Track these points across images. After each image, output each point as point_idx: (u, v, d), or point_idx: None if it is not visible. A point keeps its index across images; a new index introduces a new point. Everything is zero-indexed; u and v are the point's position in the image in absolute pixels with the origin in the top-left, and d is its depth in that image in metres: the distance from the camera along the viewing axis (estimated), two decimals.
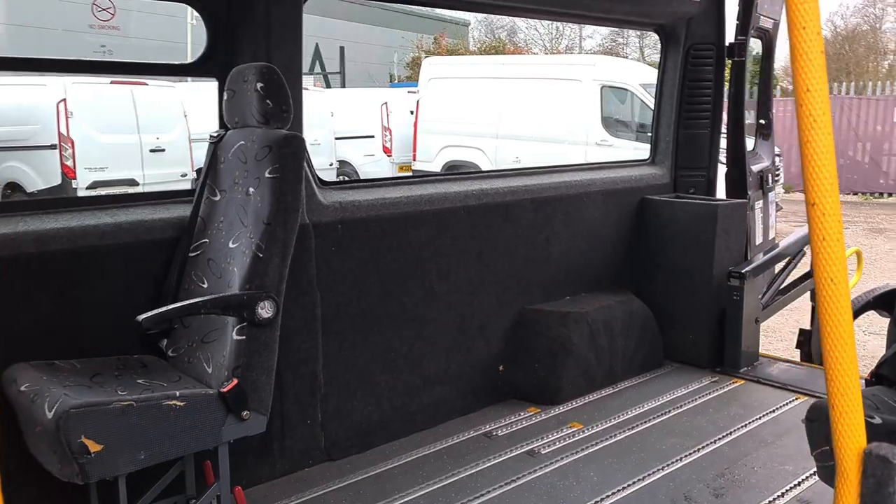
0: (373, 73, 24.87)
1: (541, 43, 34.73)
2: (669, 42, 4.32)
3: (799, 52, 0.93)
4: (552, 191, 3.83)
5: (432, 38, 28.03)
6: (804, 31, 0.90)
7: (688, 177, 4.44)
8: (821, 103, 0.95)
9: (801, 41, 0.91)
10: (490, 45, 29.39)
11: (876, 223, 13.46)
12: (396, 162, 14.57)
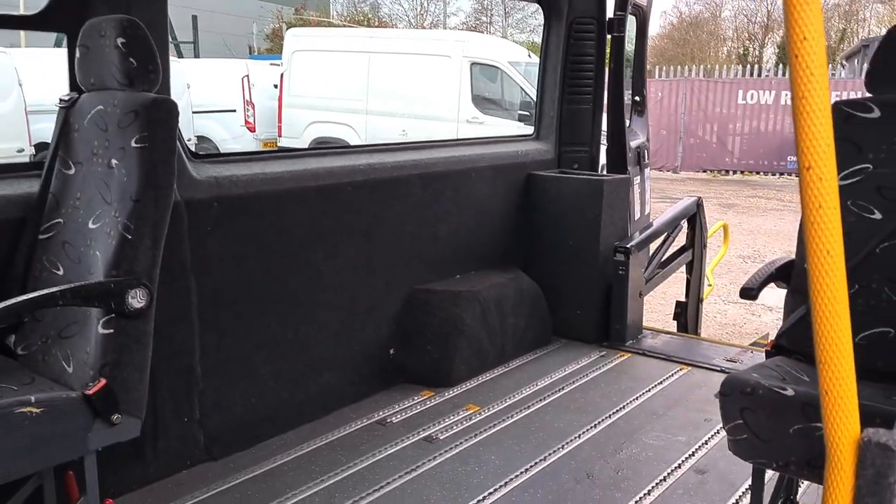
0: (230, 43, 23.72)
1: (405, 19, 34.47)
2: (552, 15, 4.27)
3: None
4: (441, 166, 3.68)
5: (293, 10, 27.09)
6: None
7: (572, 153, 4.43)
8: (818, 55, 0.84)
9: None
10: (353, 18, 28.81)
11: (725, 199, 14.37)
12: (261, 138, 13.95)
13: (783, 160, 17.69)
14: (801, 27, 0.82)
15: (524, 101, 11.95)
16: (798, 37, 0.83)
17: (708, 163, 18.29)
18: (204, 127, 13.62)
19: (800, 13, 0.82)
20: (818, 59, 0.84)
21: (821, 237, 0.87)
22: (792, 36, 0.83)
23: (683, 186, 16.00)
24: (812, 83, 0.84)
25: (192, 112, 12.94)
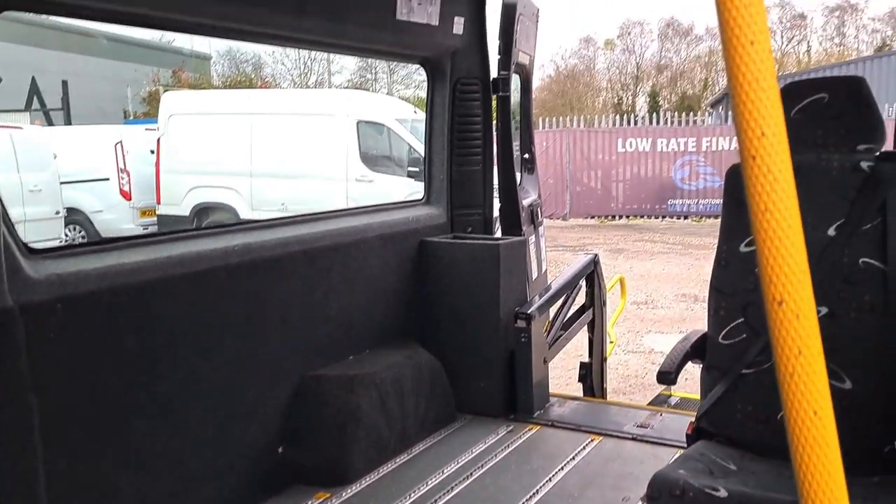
0: (104, 108, 22.69)
1: (289, 78, 34.21)
2: (436, 76, 4.14)
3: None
4: (327, 239, 3.41)
5: (170, 73, 26.29)
6: None
7: (465, 216, 4.26)
8: (781, 153, 0.64)
9: None
10: (235, 79, 28.29)
11: (614, 244, 14.72)
12: (138, 207, 13.21)
13: (664, 203, 18.41)
14: (757, 121, 0.63)
15: (413, 158, 11.87)
16: (755, 133, 0.63)
17: (595, 209, 18.81)
18: (74, 198, 12.77)
19: (756, 105, 0.62)
20: (781, 158, 0.64)
21: (805, 393, 0.66)
22: (746, 132, 0.63)
23: (573, 233, 16.33)
24: (777, 191, 0.64)
25: (61, 183, 12.13)
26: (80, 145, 13.14)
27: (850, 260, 1.95)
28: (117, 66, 25.40)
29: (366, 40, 3.54)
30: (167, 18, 2.52)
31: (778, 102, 0.62)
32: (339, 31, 3.25)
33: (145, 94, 25.14)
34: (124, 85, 24.79)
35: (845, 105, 2.02)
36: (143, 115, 23.46)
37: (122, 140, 13.15)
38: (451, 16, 3.85)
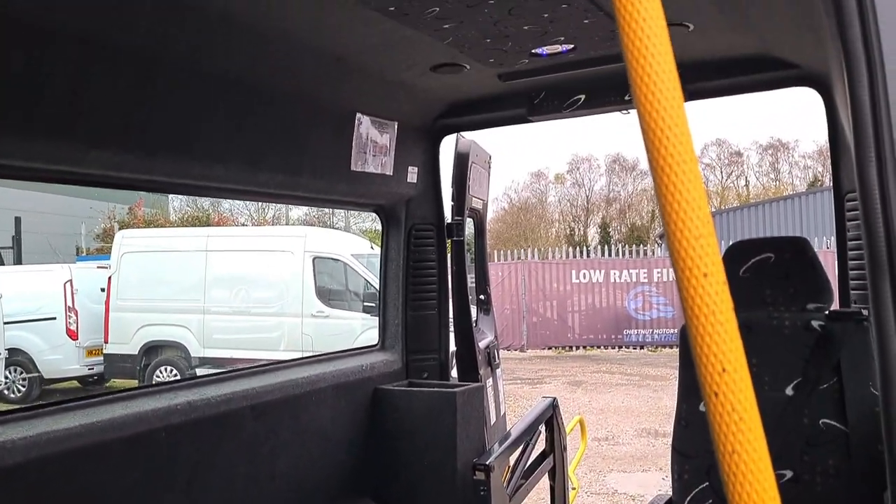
0: (56, 245, 22.42)
1: (247, 213, 34.55)
2: (390, 223, 4.17)
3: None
4: (277, 392, 3.28)
5: (126, 208, 26.31)
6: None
7: (420, 361, 4.17)
8: (744, 390, 0.61)
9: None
10: (193, 215, 28.41)
11: (573, 375, 14.63)
12: (84, 346, 12.79)
13: (620, 333, 18.57)
14: (717, 356, 0.59)
15: (369, 293, 11.86)
16: (715, 368, 0.59)
17: (552, 339, 18.85)
18: (18, 338, 12.35)
19: (714, 339, 0.59)
20: (745, 395, 0.61)
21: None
22: (706, 367, 0.59)
23: (531, 365, 16.23)
24: (743, 431, 0.60)
25: (5, 323, 11.75)
26: (27, 284, 12.86)
27: (811, 421, 1.92)
28: (73, 202, 25.38)
29: (321, 191, 3.57)
30: (121, 178, 2.50)
31: (737, 334, 0.59)
32: (294, 184, 3.28)
33: (100, 230, 25.00)
34: (79, 221, 24.67)
35: (791, 265, 2.06)
36: (96, 251, 23.22)
37: (72, 278, 12.92)
38: (405, 165, 3.93)
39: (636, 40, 0.60)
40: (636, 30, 0.60)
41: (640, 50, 0.60)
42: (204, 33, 2.37)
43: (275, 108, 2.92)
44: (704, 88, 3.25)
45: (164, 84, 2.39)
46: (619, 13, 0.61)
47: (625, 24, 0.60)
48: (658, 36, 0.59)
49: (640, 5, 0.60)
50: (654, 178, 0.62)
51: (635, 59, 0.60)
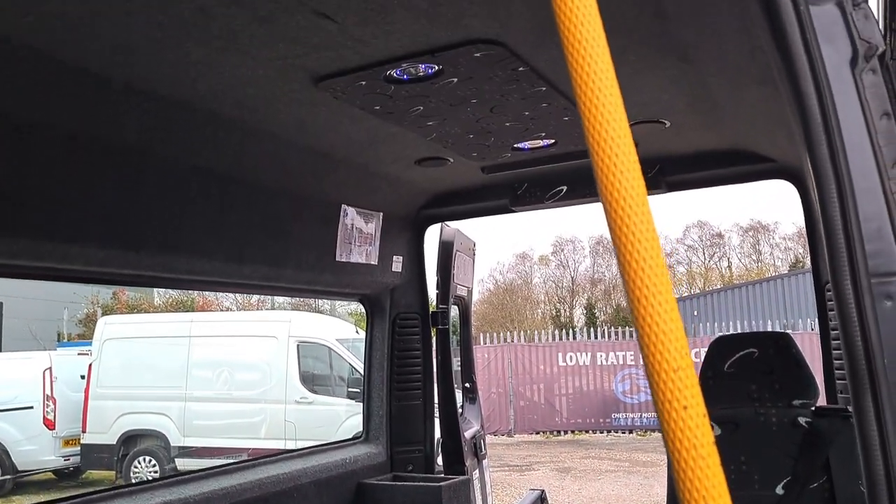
0: (37, 331, 22.09)
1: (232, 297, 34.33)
2: (375, 312, 4.16)
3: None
4: (255, 490, 3.18)
5: (111, 293, 26.12)
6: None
7: (405, 453, 4.09)
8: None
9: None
10: (177, 299, 28.21)
11: (561, 462, 14.34)
12: (62, 436, 12.45)
13: (608, 417, 18.32)
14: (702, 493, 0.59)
15: (353, 378, 11.70)
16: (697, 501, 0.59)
17: (539, 424, 18.56)
18: None
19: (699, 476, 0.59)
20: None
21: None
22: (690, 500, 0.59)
23: (519, 451, 15.91)
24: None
25: None
26: (5, 372, 12.60)
27: None
28: (56, 286, 25.14)
29: (306, 282, 3.57)
30: (105, 273, 2.49)
31: (719, 469, 0.58)
32: (278, 275, 3.28)
33: (82, 315, 24.73)
34: (62, 307, 24.41)
35: (775, 361, 2.07)
36: (77, 336, 22.89)
37: (52, 366, 12.69)
38: (389, 255, 3.95)
39: (600, 141, 0.61)
40: (599, 130, 0.62)
41: (604, 150, 0.61)
42: (191, 131, 2.41)
43: (260, 202, 2.95)
44: (683, 181, 3.33)
45: (150, 179, 2.41)
46: (582, 113, 0.63)
47: (588, 124, 0.62)
48: (621, 136, 0.61)
49: (604, 108, 0.62)
50: (629, 303, 0.62)
51: (599, 157, 0.61)
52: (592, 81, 0.65)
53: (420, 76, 2.19)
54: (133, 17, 1.67)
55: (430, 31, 1.88)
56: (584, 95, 0.64)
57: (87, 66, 1.91)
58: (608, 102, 0.64)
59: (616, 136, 0.62)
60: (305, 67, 2.04)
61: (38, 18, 1.64)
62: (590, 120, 0.63)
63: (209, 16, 1.69)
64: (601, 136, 0.62)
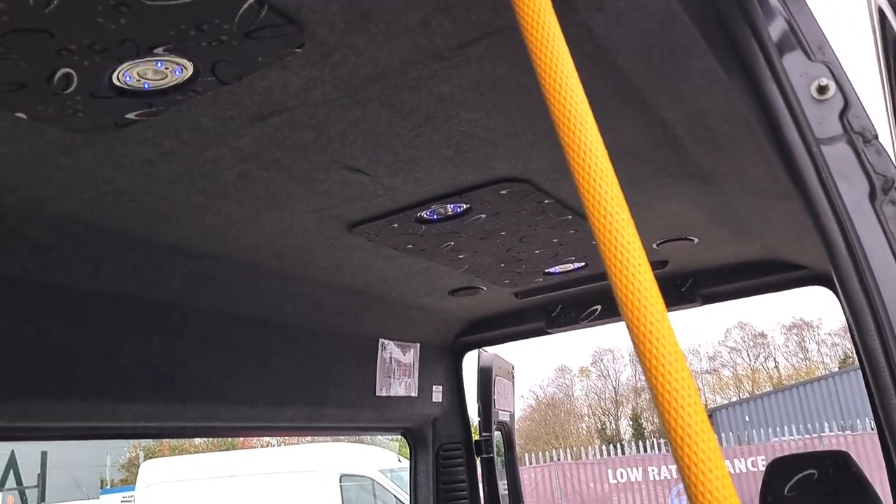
0: (81, 479, 21.94)
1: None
2: (418, 444, 4.10)
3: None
4: None
5: None
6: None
7: None
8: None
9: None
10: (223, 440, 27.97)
11: None
12: None
13: None
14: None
15: None
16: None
17: None
18: None
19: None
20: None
21: None
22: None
23: None
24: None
25: None
26: None
27: None
28: None
29: (347, 419, 3.56)
30: (151, 428, 2.52)
31: None
32: (320, 416, 3.28)
33: (125, 460, 24.60)
34: (105, 452, 24.35)
35: (837, 482, 1.99)
36: (120, 482, 22.67)
37: None
38: (429, 385, 3.94)
39: (616, 263, 0.64)
40: (615, 252, 0.64)
41: (621, 272, 0.63)
42: (232, 283, 2.50)
43: (300, 344, 3.00)
44: (718, 293, 3.32)
45: (193, 332, 2.48)
46: (598, 238, 0.66)
47: (604, 248, 0.65)
48: (636, 257, 0.63)
49: (617, 233, 0.65)
50: (661, 419, 0.63)
51: (618, 279, 0.64)
52: (604, 208, 0.68)
53: (450, 215, 2.27)
54: (178, 185, 1.78)
55: (458, 175, 1.97)
56: (597, 222, 0.67)
57: (133, 232, 2.02)
58: (621, 228, 0.67)
59: (631, 257, 0.65)
60: (340, 216, 2.13)
61: (95, 195, 1.76)
62: (605, 244, 0.66)
63: (249, 179, 1.80)
64: (616, 258, 0.65)
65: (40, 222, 1.85)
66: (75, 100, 1.34)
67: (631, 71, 1.47)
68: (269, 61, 1.30)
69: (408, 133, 1.67)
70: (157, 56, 1.25)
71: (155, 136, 1.54)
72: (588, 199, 0.66)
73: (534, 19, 0.75)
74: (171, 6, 1.12)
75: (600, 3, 1.23)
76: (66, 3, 1.08)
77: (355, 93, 1.47)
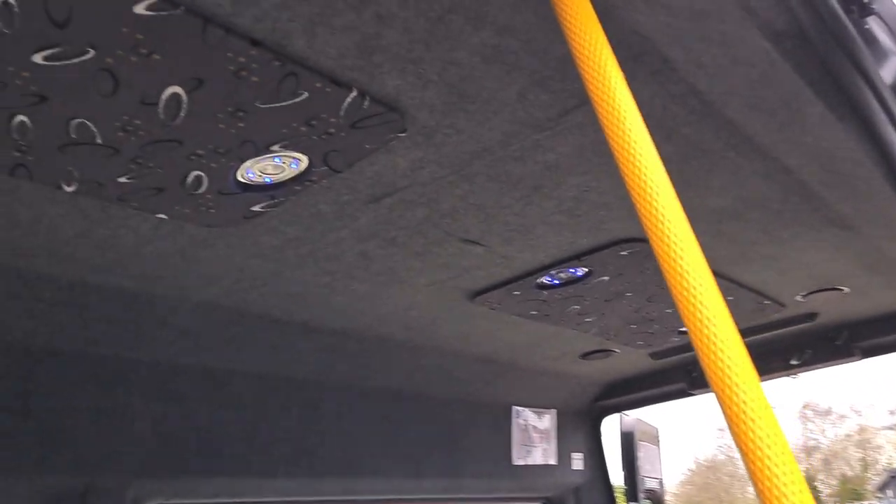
0: None
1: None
2: None
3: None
4: None
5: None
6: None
7: None
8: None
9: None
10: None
11: None
12: None
13: None
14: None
15: None
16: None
17: None
18: None
19: None
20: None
21: None
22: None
23: None
24: None
25: None
26: None
27: None
28: None
29: (484, 490, 3.52)
30: (292, 502, 2.61)
31: None
32: (457, 486, 3.27)
33: None
34: None
35: None
36: None
37: None
38: (568, 453, 3.84)
39: (701, 329, 0.61)
40: (699, 318, 0.61)
41: (706, 344, 0.60)
42: (362, 356, 2.58)
43: (433, 414, 3.03)
44: (879, 345, 3.05)
45: (328, 407, 2.56)
46: (679, 308, 0.63)
47: (686, 313, 0.62)
48: (725, 330, 0.60)
49: (701, 304, 0.62)
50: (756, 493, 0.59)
51: (702, 350, 0.60)
52: (686, 279, 0.66)
53: (571, 279, 2.25)
54: (305, 268, 1.88)
55: (574, 239, 1.95)
56: (678, 294, 0.65)
57: (269, 313, 2.14)
58: (704, 298, 0.64)
59: (717, 329, 0.62)
60: (460, 287, 2.16)
61: (232, 282, 1.89)
62: (688, 316, 0.64)
63: (369, 258, 1.87)
64: (701, 331, 0.62)
65: (186, 310, 2.01)
66: (206, 198, 1.46)
67: (743, 123, 1.42)
68: (376, 147, 1.36)
69: (517, 203, 1.68)
70: (274, 152, 1.35)
71: (280, 224, 1.64)
72: (668, 269, 0.64)
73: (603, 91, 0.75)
74: (281, 107, 1.21)
75: (699, 61, 1.21)
76: (191, 114, 1.20)
77: (461, 169, 1.50)
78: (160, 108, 1.17)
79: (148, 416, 2.10)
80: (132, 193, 1.41)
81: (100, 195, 1.40)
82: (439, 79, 1.21)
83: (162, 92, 1.14)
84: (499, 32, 1.13)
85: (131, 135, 1.23)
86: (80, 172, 1.32)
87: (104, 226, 1.54)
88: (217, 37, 1.04)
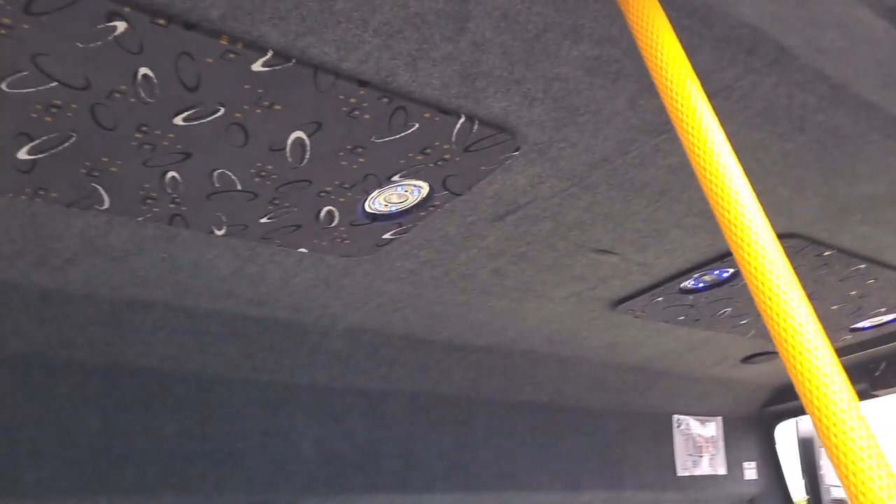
0: None
1: None
2: None
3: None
4: None
5: None
6: None
7: None
8: None
9: None
10: None
11: None
12: None
13: None
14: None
15: None
16: None
17: None
18: None
19: None
20: None
21: None
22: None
23: None
24: None
25: None
26: None
27: None
28: None
29: (648, 502, 3.41)
30: None
31: None
32: (617, 499, 3.19)
33: None
34: None
35: None
36: None
37: None
38: (738, 462, 3.64)
39: (794, 353, 0.58)
40: (792, 336, 0.58)
41: (800, 363, 0.58)
42: (510, 371, 2.60)
43: (586, 426, 2.99)
44: None
45: (480, 422, 2.61)
46: (766, 322, 0.61)
47: (779, 339, 0.59)
48: (816, 343, 0.57)
49: (789, 317, 0.59)
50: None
51: (795, 368, 0.58)
52: (770, 289, 0.63)
53: (717, 281, 2.15)
54: (441, 289, 1.93)
55: (713, 241, 1.88)
56: (764, 305, 0.62)
57: (413, 334, 2.22)
58: (792, 312, 0.61)
59: (809, 345, 0.59)
60: (599, 297, 2.14)
61: (375, 306, 1.99)
62: (775, 329, 0.62)
63: (502, 274, 1.90)
64: (791, 345, 0.60)
65: (336, 335, 2.13)
66: (340, 230, 1.56)
67: (882, 103, 1.32)
68: (492, 168, 1.39)
69: (645, 209, 1.65)
70: (395, 182, 1.41)
71: (411, 249, 1.71)
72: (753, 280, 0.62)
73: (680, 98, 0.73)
74: (395, 140, 1.27)
75: (818, 46, 1.14)
76: (315, 155, 1.29)
77: (581, 180, 1.50)
78: (287, 152, 1.27)
79: (311, 437, 2.24)
80: (274, 232, 1.53)
81: (246, 236, 1.53)
82: (545, 95, 1.23)
83: (287, 138, 1.23)
84: (598, 43, 1.13)
85: (265, 179, 1.34)
86: (227, 217, 1.45)
87: (254, 262, 1.67)
88: (328, 82, 1.11)
